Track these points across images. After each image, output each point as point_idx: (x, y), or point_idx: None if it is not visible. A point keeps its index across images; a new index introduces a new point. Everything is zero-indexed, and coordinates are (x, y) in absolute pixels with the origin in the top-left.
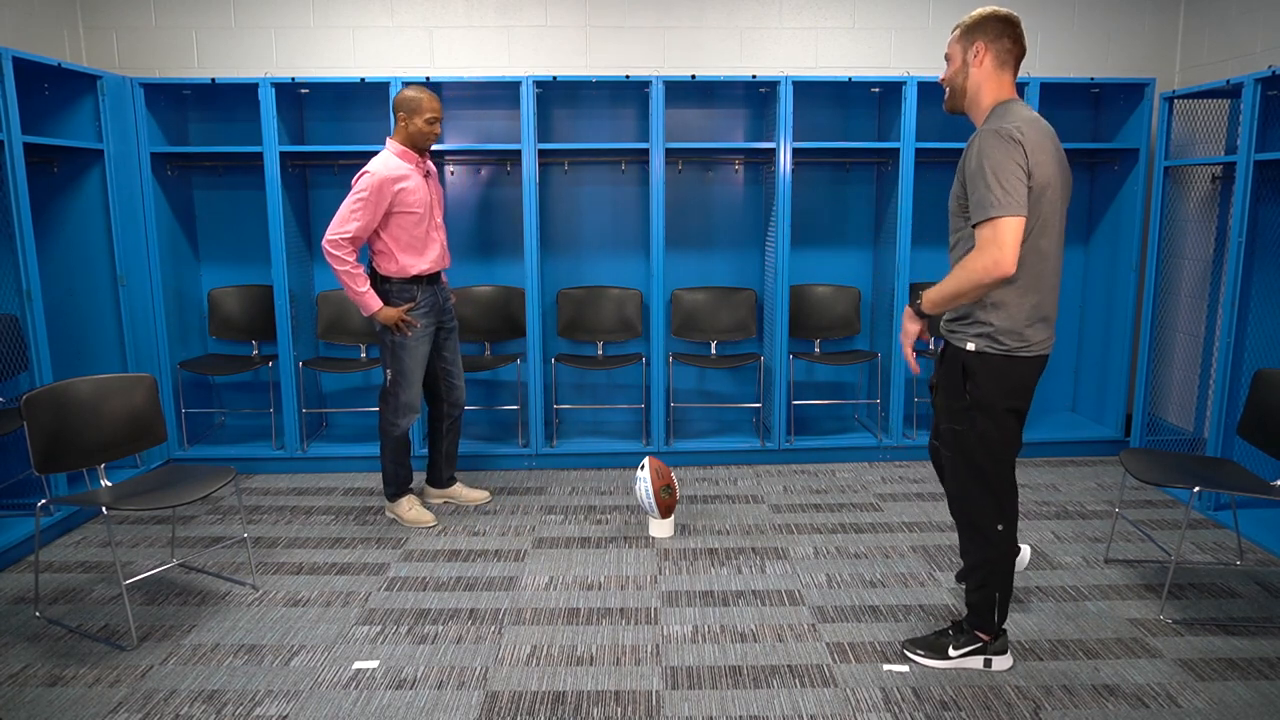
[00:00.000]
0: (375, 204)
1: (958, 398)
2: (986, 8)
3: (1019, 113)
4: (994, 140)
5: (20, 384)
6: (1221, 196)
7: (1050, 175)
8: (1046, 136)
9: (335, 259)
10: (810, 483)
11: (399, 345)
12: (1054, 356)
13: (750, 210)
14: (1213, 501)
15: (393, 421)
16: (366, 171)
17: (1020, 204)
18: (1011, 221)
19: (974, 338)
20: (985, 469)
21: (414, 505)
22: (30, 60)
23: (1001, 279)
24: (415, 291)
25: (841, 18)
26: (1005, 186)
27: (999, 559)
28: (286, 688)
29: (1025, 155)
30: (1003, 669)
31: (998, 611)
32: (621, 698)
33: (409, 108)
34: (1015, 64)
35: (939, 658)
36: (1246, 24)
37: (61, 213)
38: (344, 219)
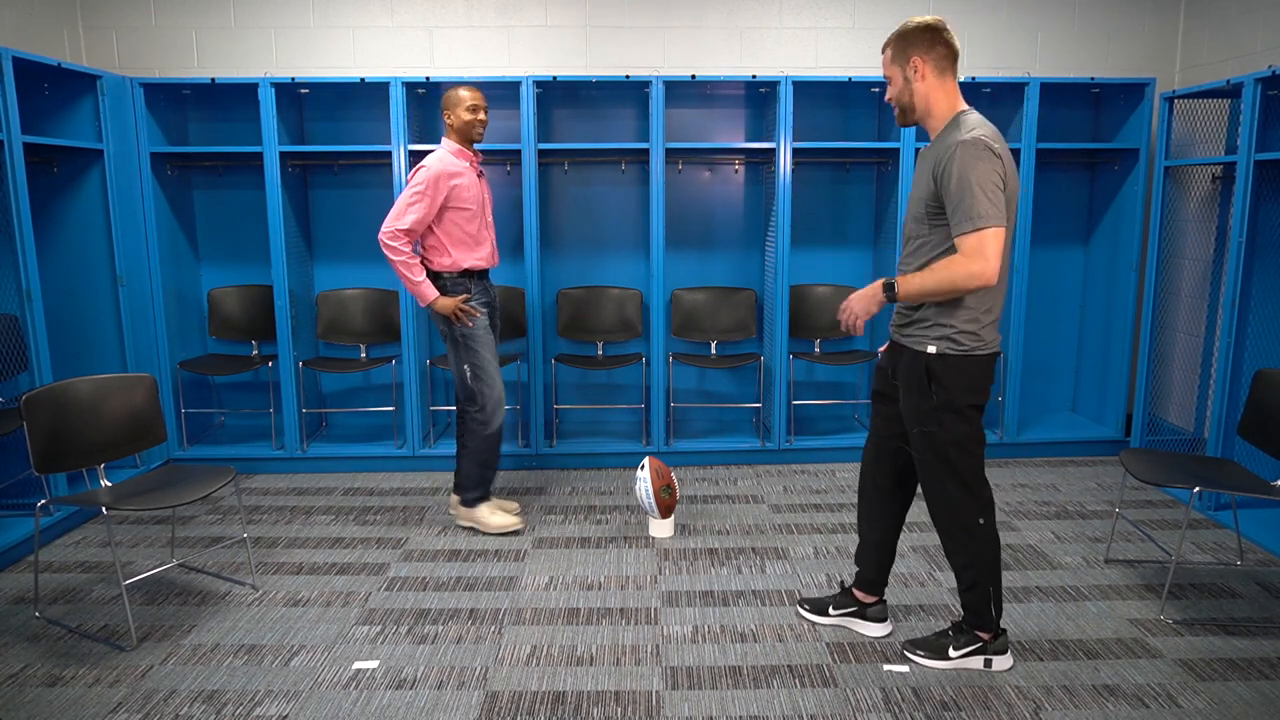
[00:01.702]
0: (432, 198)
1: (925, 400)
2: (910, 20)
3: (983, 122)
4: (976, 152)
5: (20, 384)
6: (1222, 196)
7: (1012, 184)
8: (1008, 151)
9: (391, 249)
10: (810, 483)
11: (469, 337)
12: (1054, 356)
13: (750, 210)
14: (1213, 501)
15: (483, 420)
16: (423, 166)
17: (1002, 215)
18: (998, 233)
19: (935, 340)
20: (958, 466)
21: (496, 510)
22: (30, 60)
23: (983, 288)
24: (469, 285)
25: (841, 18)
26: (990, 198)
27: (986, 553)
28: (286, 688)
29: (1003, 166)
30: (1003, 669)
31: (994, 607)
32: (621, 698)
33: (449, 103)
34: (954, 66)
35: (939, 659)
36: (1246, 24)
37: (61, 213)
38: (400, 212)
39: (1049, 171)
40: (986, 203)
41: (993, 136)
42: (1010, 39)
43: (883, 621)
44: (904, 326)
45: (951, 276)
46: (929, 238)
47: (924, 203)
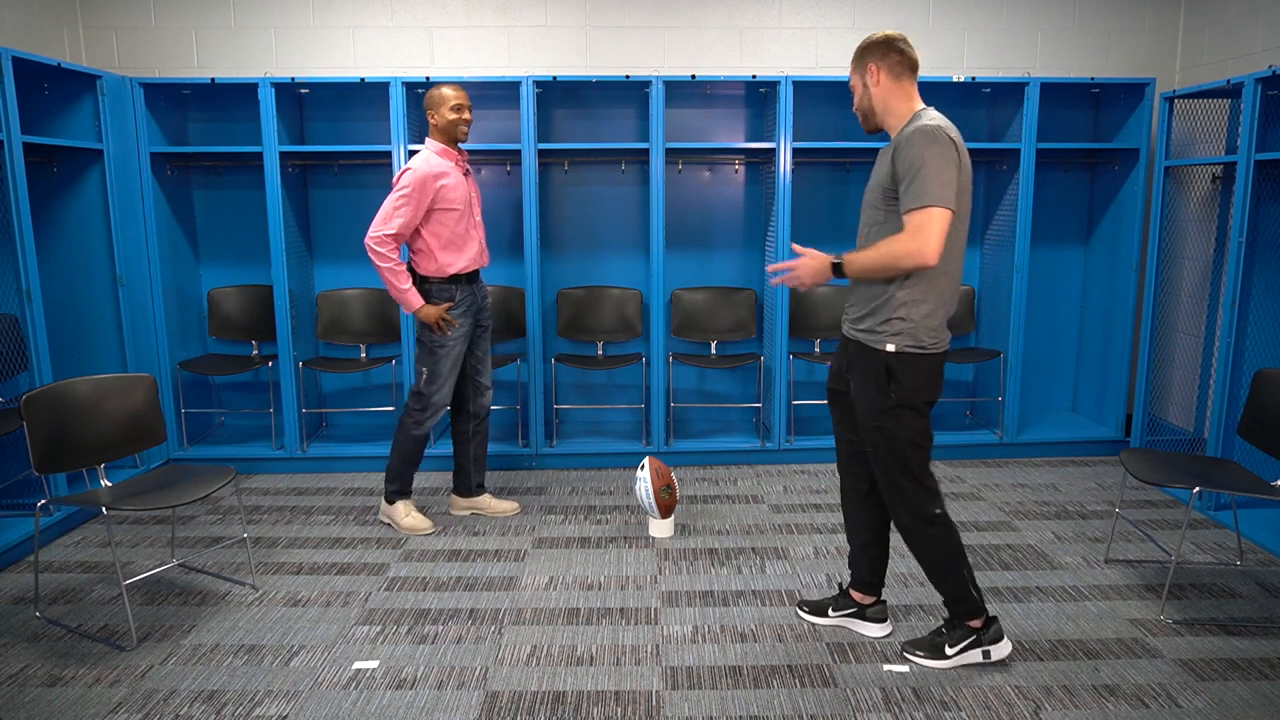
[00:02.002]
0: (418, 200)
1: (882, 398)
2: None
3: (941, 117)
4: (932, 137)
5: (20, 384)
6: (1222, 196)
7: (966, 174)
8: (963, 146)
9: (379, 255)
10: (810, 483)
11: (437, 344)
12: (1054, 356)
13: (750, 210)
14: (1213, 501)
15: (418, 420)
16: (408, 169)
17: (951, 199)
18: (944, 213)
19: (893, 338)
20: (911, 462)
21: (411, 511)
22: (30, 60)
23: (921, 266)
24: (454, 291)
25: (842, 18)
26: (940, 180)
27: (948, 539)
28: (286, 688)
29: (957, 155)
30: (1003, 656)
31: (974, 589)
32: (621, 698)
33: (433, 103)
34: (911, 73)
35: (938, 658)
36: (1246, 24)
37: (61, 213)
38: (387, 216)
39: (1049, 171)
40: (936, 184)
41: (950, 128)
42: (1010, 39)
43: (883, 622)
44: (860, 321)
45: (893, 252)
46: (885, 224)
47: (882, 188)
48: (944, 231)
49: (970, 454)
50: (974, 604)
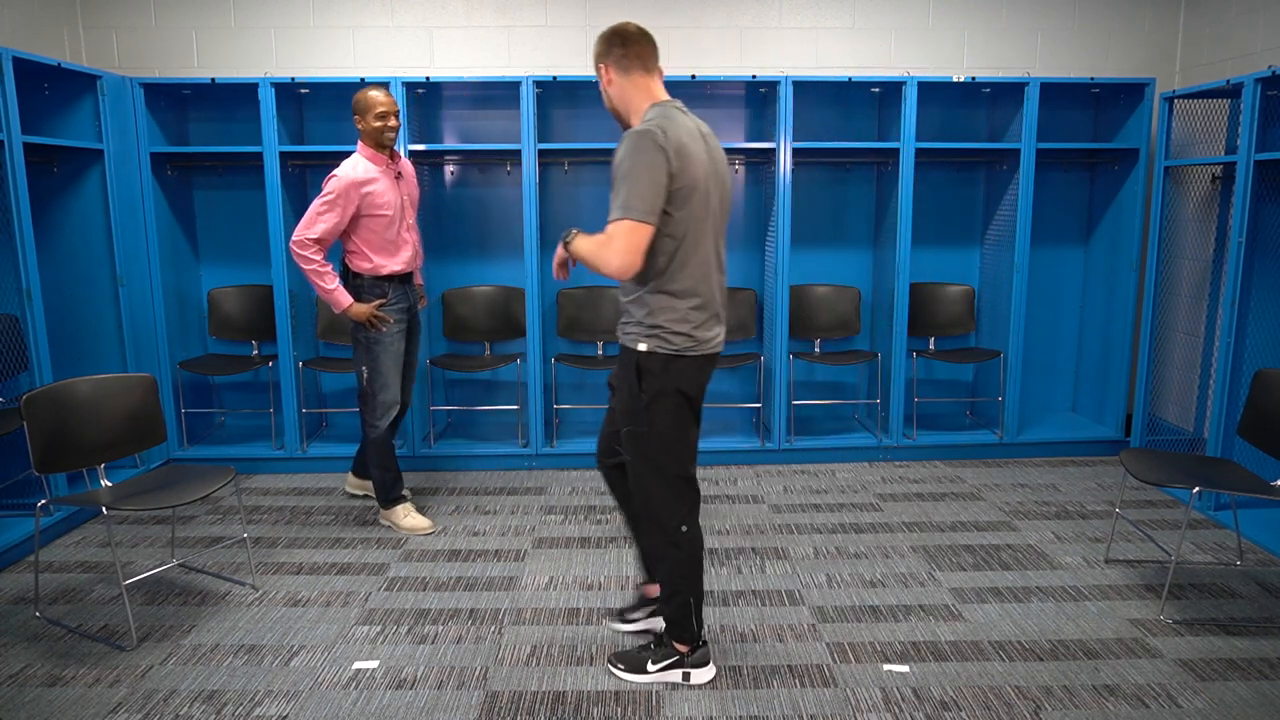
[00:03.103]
0: (342, 207)
1: (635, 399)
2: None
3: (668, 114)
4: (638, 143)
5: (20, 384)
6: (1221, 196)
7: (699, 176)
8: (695, 138)
9: (301, 259)
10: (810, 483)
11: (374, 342)
12: (1054, 356)
13: (750, 210)
14: (1213, 501)
15: (373, 423)
16: (334, 175)
17: (649, 211)
18: (636, 227)
19: (646, 338)
20: (665, 467)
21: (410, 512)
22: (30, 60)
23: (609, 275)
24: (387, 288)
25: (842, 17)
26: (638, 191)
27: (687, 562)
28: (286, 688)
29: (668, 159)
30: (703, 682)
31: (695, 619)
32: (621, 698)
33: (360, 108)
34: (642, 64)
35: (638, 673)
36: (1246, 24)
37: (61, 213)
38: (310, 221)
39: (1049, 171)
40: (633, 196)
41: (666, 130)
42: (1010, 39)
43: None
44: (621, 323)
45: (596, 253)
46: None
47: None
48: (635, 246)
49: (970, 454)
50: (690, 633)
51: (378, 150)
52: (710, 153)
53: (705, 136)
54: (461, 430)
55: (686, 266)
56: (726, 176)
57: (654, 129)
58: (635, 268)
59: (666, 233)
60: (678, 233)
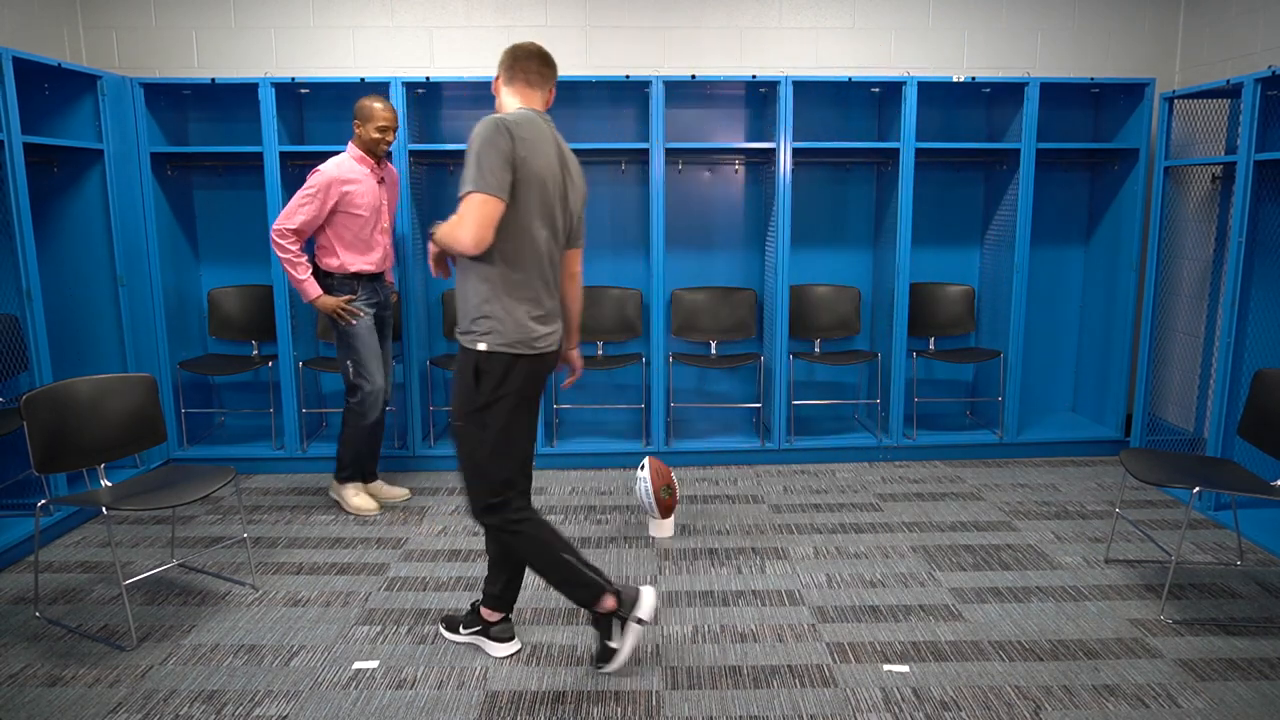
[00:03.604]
0: (322, 201)
1: (471, 398)
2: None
3: (528, 115)
4: (483, 126)
5: (20, 384)
6: (1221, 196)
7: (543, 171)
8: (546, 139)
9: (279, 247)
10: (810, 483)
11: (350, 334)
12: (1054, 356)
13: (750, 210)
14: (1213, 501)
15: (360, 412)
16: (318, 170)
17: (496, 186)
18: (484, 199)
19: (483, 337)
20: (488, 468)
21: (360, 492)
22: (30, 60)
23: (465, 251)
24: (355, 286)
25: (842, 17)
26: (483, 167)
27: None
28: (286, 688)
29: (511, 142)
30: (498, 655)
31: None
32: (621, 698)
33: (362, 116)
34: (525, 79)
35: (452, 632)
36: (1246, 24)
37: (61, 213)
38: (291, 211)
39: (1049, 171)
40: (478, 170)
41: (517, 121)
42: (1010, 39)
43: (508, 641)
44: (459, 324)
45: (449, 231)
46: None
47: None
48: (486, 218)
49: (970, 454)
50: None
51: (367, 155)
52: (564, 166)
53: (562, 149)
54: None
55: (528, 264)
56: (575, 195)
57: (504, 117)
58: (487, 241)
59: (508, 219)
60: (517, 221)
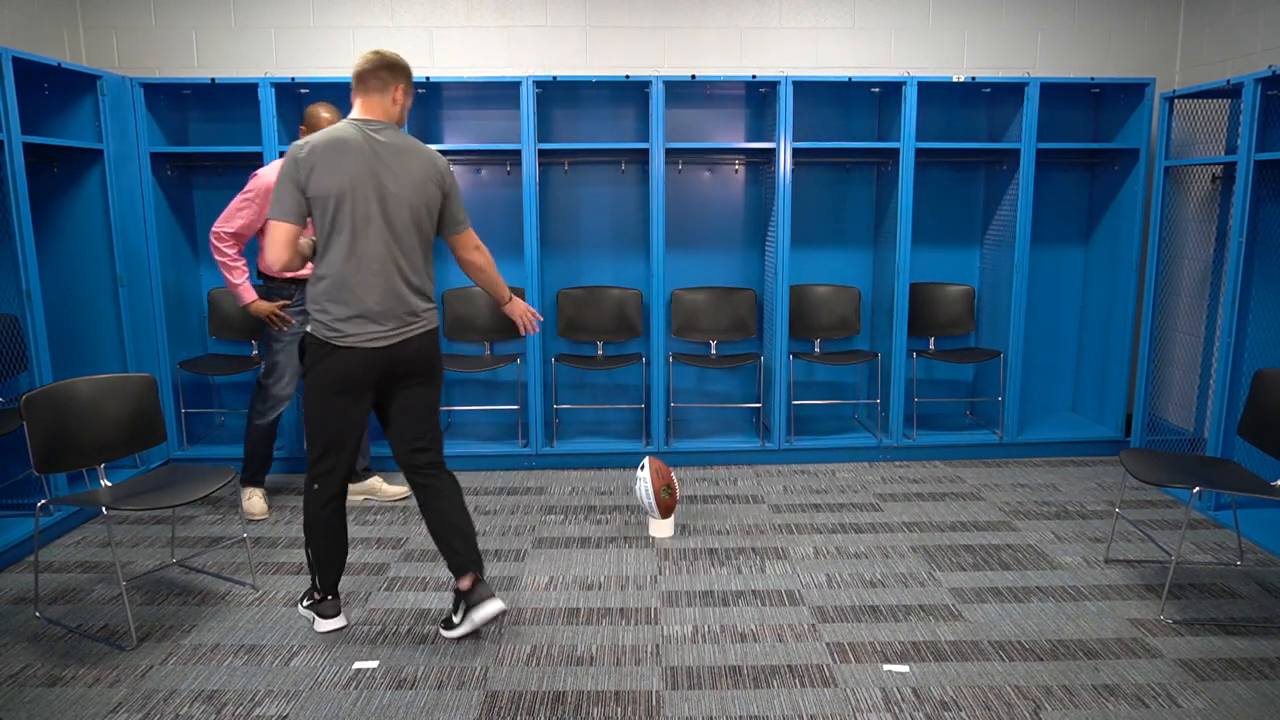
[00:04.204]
0: (260, 206)
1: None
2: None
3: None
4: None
5: (20, 384)
6: (1221, 196)
7: (342, 186)
8: (351, 150)
9: (216, 250)
10: (810, 483)
11: (274, 338)
12: (1054, 356)
13: (750, 210)
14: (1213, 501)
15: (260, 411)
16: (257, 174)
17: (285, 212)
18: (277, 225)
19: (312, 321)
20: (314, 435)
21: (253, 496)
22: (30, 60)
23: (272, 266)
24: (293, 291)
25: (842, 17)
26: (279, 195)
27: (311, 520)
28: (286, 688)
29: (297, 169)
30: (324, 630)
31: (314, 572)
32: (621, 698)
33: (309, 124)
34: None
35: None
36: (1246, 24)
37: (61, 213)
38: (229, 215)
39: (1049, 171)
40: (275, 199)
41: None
42: (1010, 39)
43: (491, 597)
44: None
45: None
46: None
47: None
48: (278, 241)
49: (970, 454)
50: (314, 582)
51: None
52: (379, 168)
53: (379, 153)
54: (461, 430)
55: (339, 273)
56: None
57: (302, 143)
58: (282, 260)
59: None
60: (321, 233)
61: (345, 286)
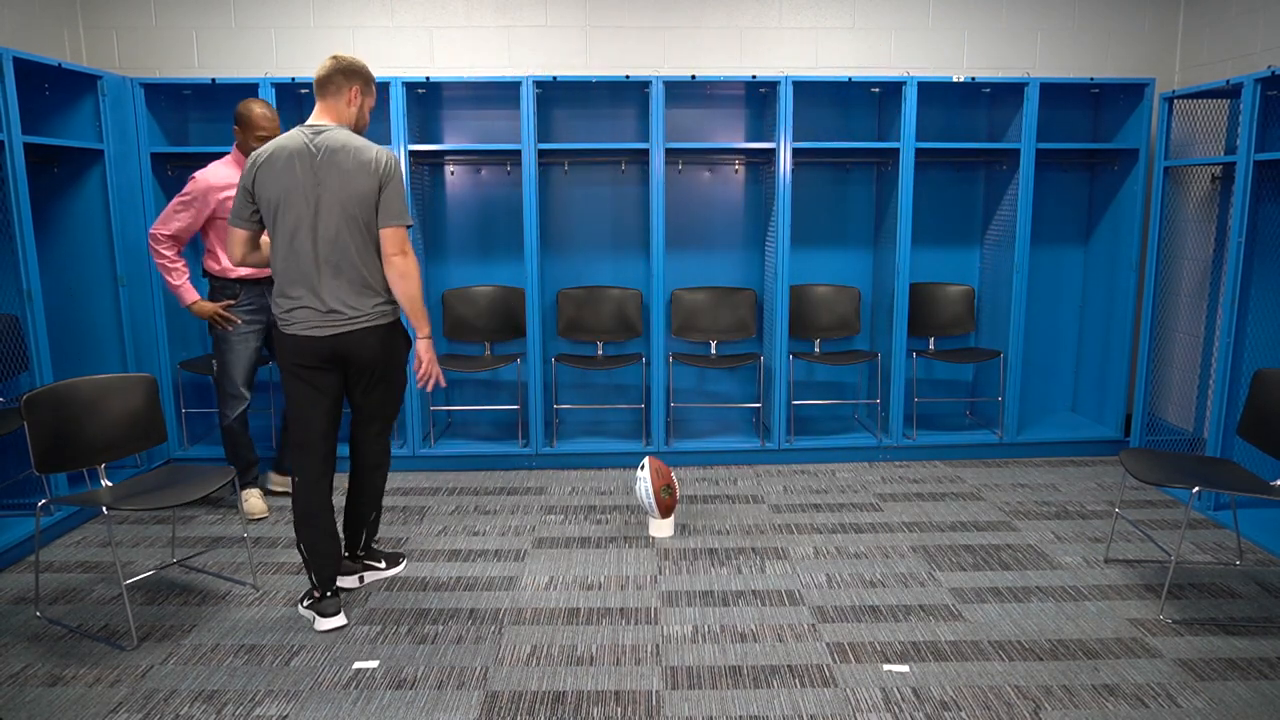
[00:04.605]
0: (198, 209)
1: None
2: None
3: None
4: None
5: (20, 384)
6: (1221, 196)
7: (279, 191)
8: (290, 157)
9: (154, 252)
10: (810, 483)
11: (221, 339)
12: (1054, 356)
13: (750, 210)
14: (1212, 501)
15: (222, 412)
16: (195, 177)
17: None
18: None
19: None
20: (290, 421)
21: (250, 497)
22: (31, 60)
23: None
24: (238, 290)
25: (842, 18)
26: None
27: (298, 518)
28: (286, 688)
29: (248, 178)
30: (323, 629)
31: (308, 570)
32: (621, 698)
33: (243, 122)
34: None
35: (299, 603)
36: (1246, 24)
37: (62, 213)
38: (166, 217)
39: (1049, 171)
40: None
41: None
42: (1010, 39)
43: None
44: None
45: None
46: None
47: None
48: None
49: (970, 454)
50: (310, 580)
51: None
52: (314, 170)
53: (315, 157)
54: (461, 430)
55: (281, 267)
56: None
57: (255, 154)
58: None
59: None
60: (270, 233)
61: (288, 280)
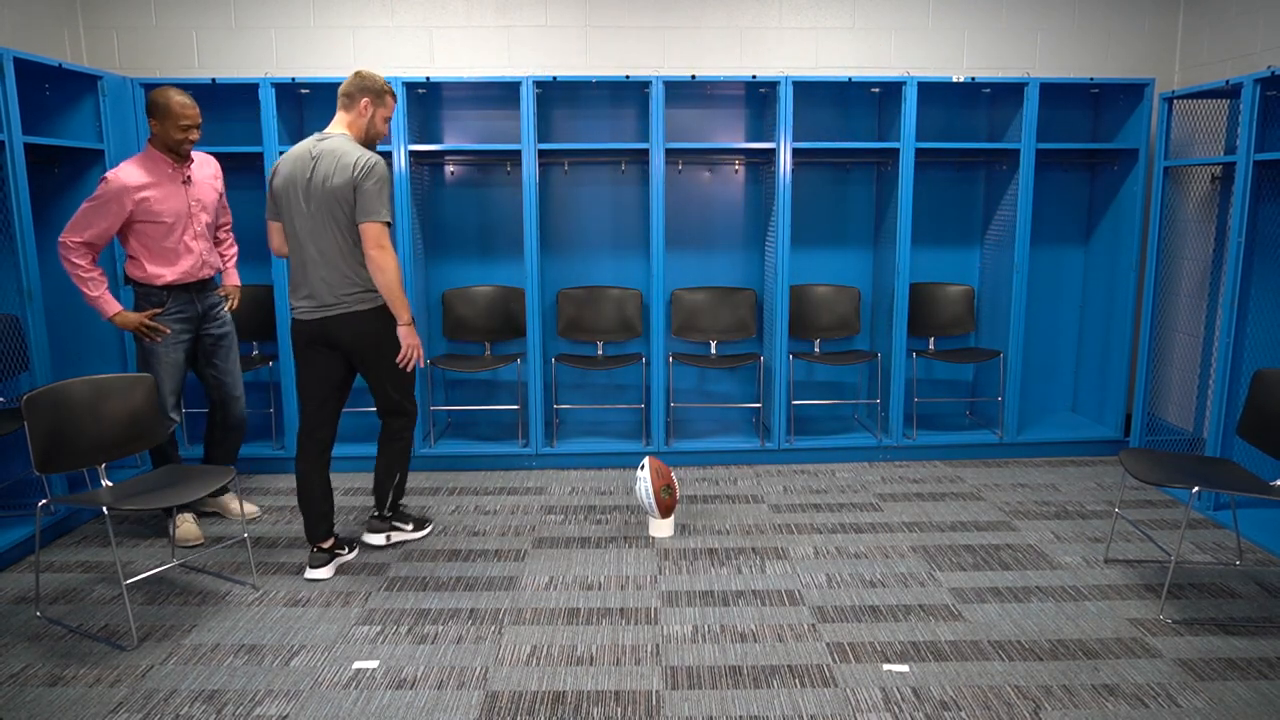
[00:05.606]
0: (112, 212)
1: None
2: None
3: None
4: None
5: (20, 384)
6: (1221, 196)
7: (282, 188)
8: (296, 160)
9: (66, 261)
10: (810, 483)
11: (149, 351)
12: (1054, 356)
13: (750, 210)
14: (1212, 501)
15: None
16: (106, 178)
17: (268, 212)
18: (269, 222)
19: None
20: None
21: (184, 521)
22: (31, 60)
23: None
24: (165, 297)
25: (842, 18)
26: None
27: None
28: (286, 688)
29: (271, 178)
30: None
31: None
32: (621, 698)
33: (159, 112)
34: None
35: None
36: (1246, 24)
37: (62, 213)
38: (77, 223)
39: (1049, 171)
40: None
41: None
42: (1010, 39)
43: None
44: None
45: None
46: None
47: None
48: (270, 234)
49: (970, 454)
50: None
51: (168, 154)
52: (309, 169)
53: (316, 157)
54: (461, 430)
55: (290, 254)
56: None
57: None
58: (275, 247)
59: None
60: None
61: (293, 270)
